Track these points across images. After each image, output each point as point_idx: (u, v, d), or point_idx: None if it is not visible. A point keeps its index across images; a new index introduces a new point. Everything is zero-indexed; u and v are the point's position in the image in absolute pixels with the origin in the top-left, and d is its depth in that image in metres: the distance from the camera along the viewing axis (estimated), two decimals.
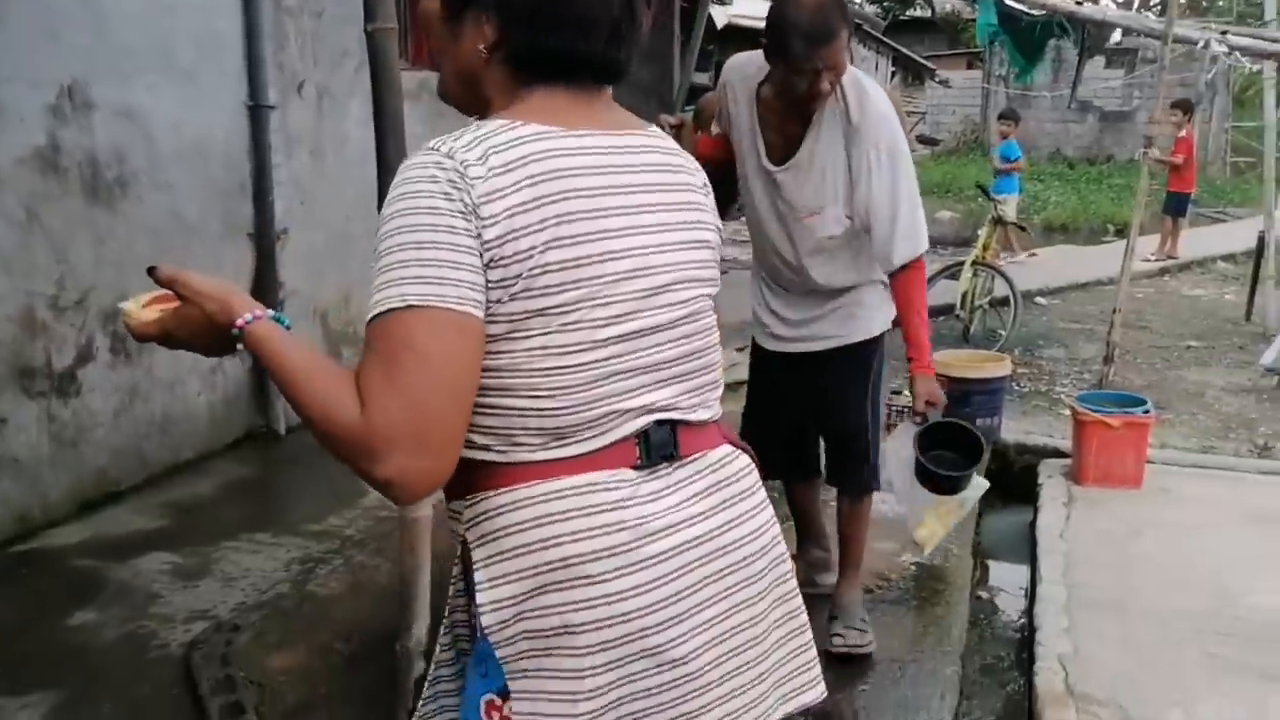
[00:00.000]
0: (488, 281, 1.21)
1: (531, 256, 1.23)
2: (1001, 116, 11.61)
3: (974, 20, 9.88)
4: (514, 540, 1.28)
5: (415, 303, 1.18)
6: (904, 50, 18.74)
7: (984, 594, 4.21)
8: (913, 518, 3.49)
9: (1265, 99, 8.52)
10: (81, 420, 4.20)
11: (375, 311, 1.19)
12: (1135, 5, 25.04)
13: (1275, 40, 7.33)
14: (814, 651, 1.52)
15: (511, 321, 1.24)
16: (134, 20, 4.28)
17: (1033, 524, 4.41)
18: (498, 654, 1.28)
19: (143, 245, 4.39)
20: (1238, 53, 7.33)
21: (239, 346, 1.26)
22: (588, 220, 1.27)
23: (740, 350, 6.37)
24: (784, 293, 3.21)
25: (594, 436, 1.30)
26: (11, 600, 3.53)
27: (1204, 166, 18.97)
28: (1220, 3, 29.62)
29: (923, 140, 14.09)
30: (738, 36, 10.56)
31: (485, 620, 1.28)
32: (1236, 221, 14.69)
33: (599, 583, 1.27)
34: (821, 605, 3.23)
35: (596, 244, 1.27)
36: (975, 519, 4.51)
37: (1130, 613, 3.56)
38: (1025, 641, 3.58)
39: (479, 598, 1.28)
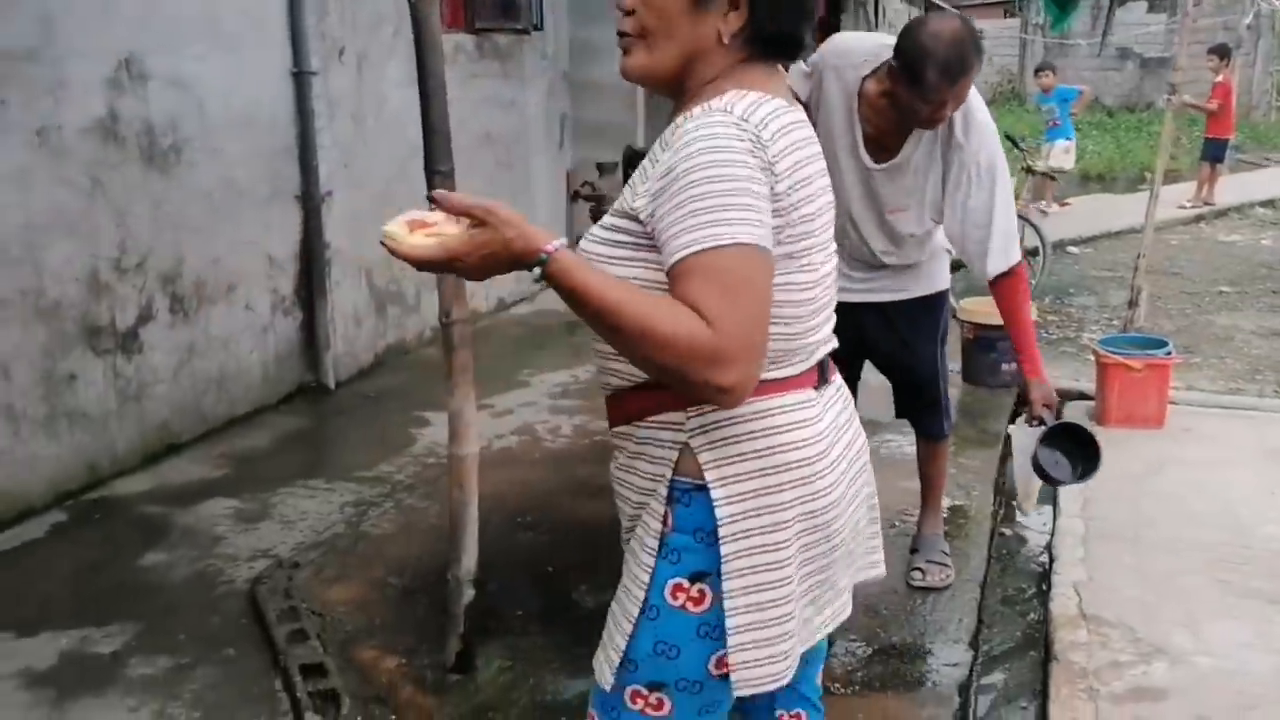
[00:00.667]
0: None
1: (795, 210, 1.48)
2: (1040, 70, 11.53)
3: None
4: (746, 445, 1.53)
5: (744, 240, 1.38)
6: (937, 1, 18.60)
7: (1007, 531, 4.34)
8: (1022, 492, 3.57)
9: None
10: (144, 376, 4.44)
11: (707, 245, 1.37)
12: None
13: None
14: (880, 538, 1.87)
15: (775, 262, 1.46)
16: None
17: None
18: (724, 548, 1.53)
19: (197, 209, 4.61)
20: None
21: (535, 272, 1.37)
22: (813, 183, 1.53)
23: None
24: (847, 256, 3.26)
25: (801, 360, 1.58)
26: (87, 543, 3.78)
27: (1248, 111, 18.71)
28: None
29: None
30: None
31: (720, 512, 1.52)
32: (1279, 167, 14.53)
33: (808, 482, 1.57)
34: None
35: (816, 201, 1.54)
36: (999, 461, 4.66)
37: (1145, 544, 3.71)
38: (1045, 575, 3.73)
39: (714, 493, 1.53)
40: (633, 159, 3.10)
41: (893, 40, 2.95)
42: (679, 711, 1.60)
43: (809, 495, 1.56)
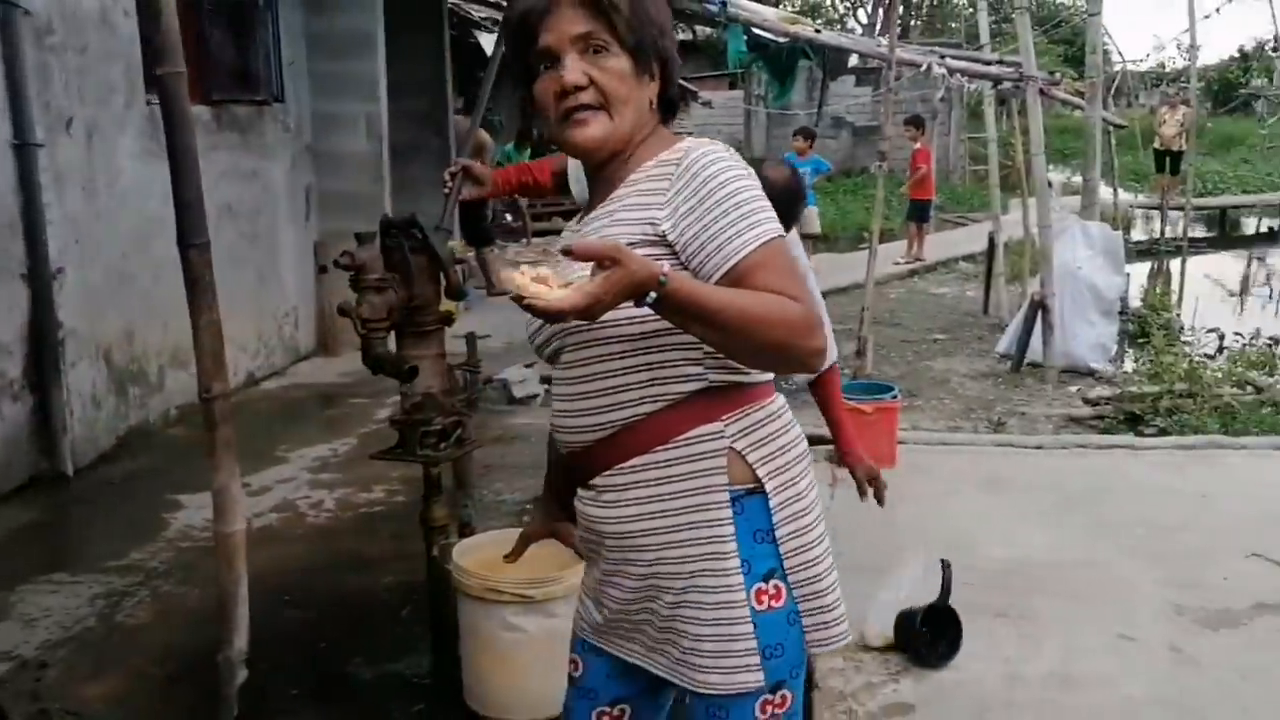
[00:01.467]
0: None
1: None
2: (797, 134, 12.12)
3: None
4: (781, 440, 1.68)
5: (782, 231, 1.61)
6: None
7: None
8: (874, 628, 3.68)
9: (987, 114, 9.49)
10: None
11: (766, 239, 1.56)
12: (878, 27, 26.78)
13: (988, 63, 8.21)
14: None
15: None
16: None
17: None
18: (782, 544, 1.65)
19: None
20: (958, 74, 8.15)
21: (651, 296, 1.44)
22: None
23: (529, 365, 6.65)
24: None
25: None
26: None
27: (947, 175, 20.52)
28: (953, 25, 31.95)
29: None
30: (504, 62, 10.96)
31: (774, 502, 1.64)
32: (976, 225, 16.01)
33: (809, 473, 1.72)
34: None
35: None
36: None
37: (887, 571, 4.01)
38: None
39: (769, 487, 1.64)
40: (388, 228, 3.16)
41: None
42: (796, 697, 1.70)
43: (812, 482, 1.72)
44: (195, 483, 4.83)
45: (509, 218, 14.73)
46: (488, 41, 13.76)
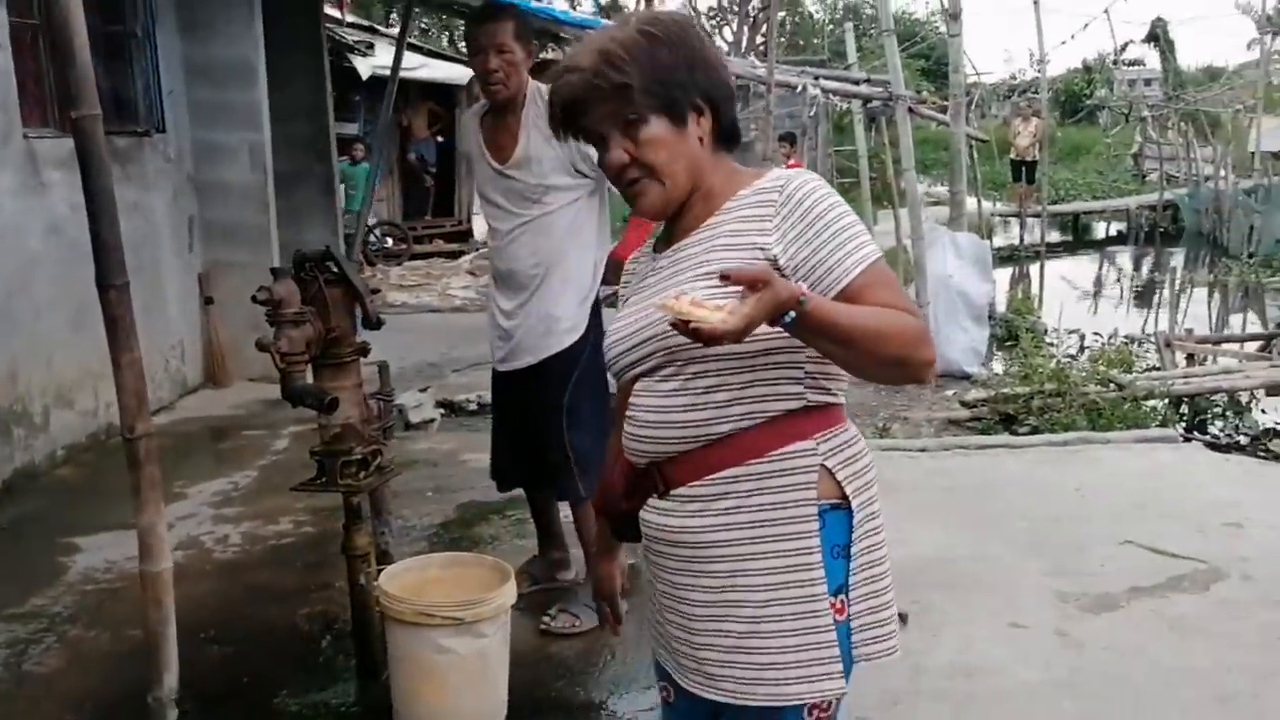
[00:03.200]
0: None
1: None
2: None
3: None
4: (863, 461, 1.76)
5: (882, 254, 1.70)
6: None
7: None
8: None
9: (857, 130, 9.88)
10: None
11: (874, 258, 1.67)
12: (744, 44, 27.40)
13: (857, 82, 8.57)
14: None
15: None
16: None
17: None
18: (855, 559, 1.72)
19: None
20: (830, 94, 8.49)
21: (790, 316, 1.50)
22: None
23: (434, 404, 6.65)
24: (502, 299, 3.66)
25: None
26: None
27: None
28: (815, 41, 32.82)
29: None
30: (379, 85, 10.95)
31: (855, 521, 1.71)
32: None
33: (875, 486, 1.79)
34: (557, 597, 3.81)
35: None
36: None
37: None
38: None
39: (855, 505, 1.71)
40: (303, 262, 3.20)
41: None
42: (836, 704, 1.76)
43: (878, 497, 1.77)
44: (90, 524, 4.74)
45: (390, 242, 14.66)
46: (361, 65, 13.68)
